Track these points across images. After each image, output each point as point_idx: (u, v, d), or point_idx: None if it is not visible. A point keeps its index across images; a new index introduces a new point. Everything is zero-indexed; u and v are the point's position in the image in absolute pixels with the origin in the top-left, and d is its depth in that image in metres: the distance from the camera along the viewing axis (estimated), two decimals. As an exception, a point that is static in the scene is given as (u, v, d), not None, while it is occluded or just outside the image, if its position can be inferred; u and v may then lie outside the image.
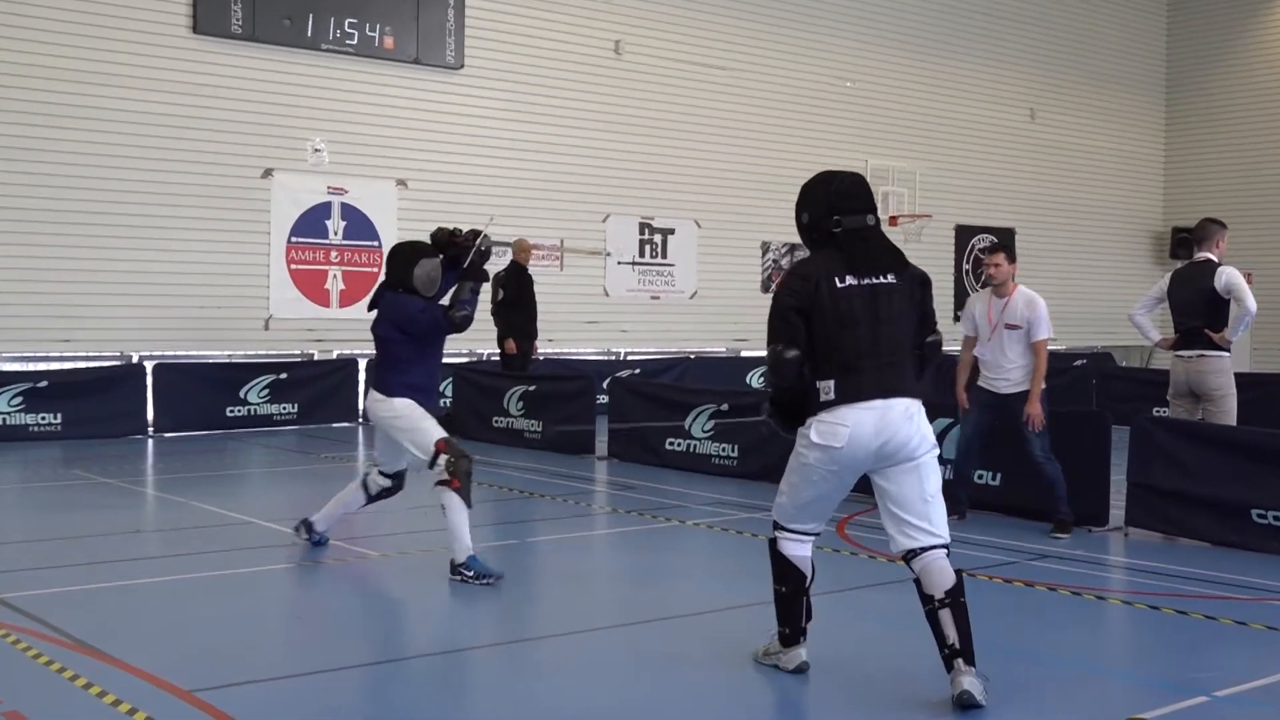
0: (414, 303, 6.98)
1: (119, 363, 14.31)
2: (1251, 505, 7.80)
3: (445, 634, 6.22)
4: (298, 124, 15.31)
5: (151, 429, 13.95)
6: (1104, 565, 7.72)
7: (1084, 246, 22.98)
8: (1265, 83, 23.16)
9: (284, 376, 14.94)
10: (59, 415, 13.37)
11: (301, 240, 15.41)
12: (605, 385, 13.30)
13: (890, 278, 4.83)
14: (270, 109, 15.07)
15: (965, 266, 21.64)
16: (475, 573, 6.74)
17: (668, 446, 11.53)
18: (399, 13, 15.87)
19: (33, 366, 13.91)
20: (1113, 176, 23.88)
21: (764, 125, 19.27)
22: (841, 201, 4.86)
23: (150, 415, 14.00)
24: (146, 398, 13.98)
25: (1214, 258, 8.87)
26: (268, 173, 15.15)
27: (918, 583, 4.78)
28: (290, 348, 15.54)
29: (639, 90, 18.06)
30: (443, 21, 16.23)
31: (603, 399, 13.22)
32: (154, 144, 14.34)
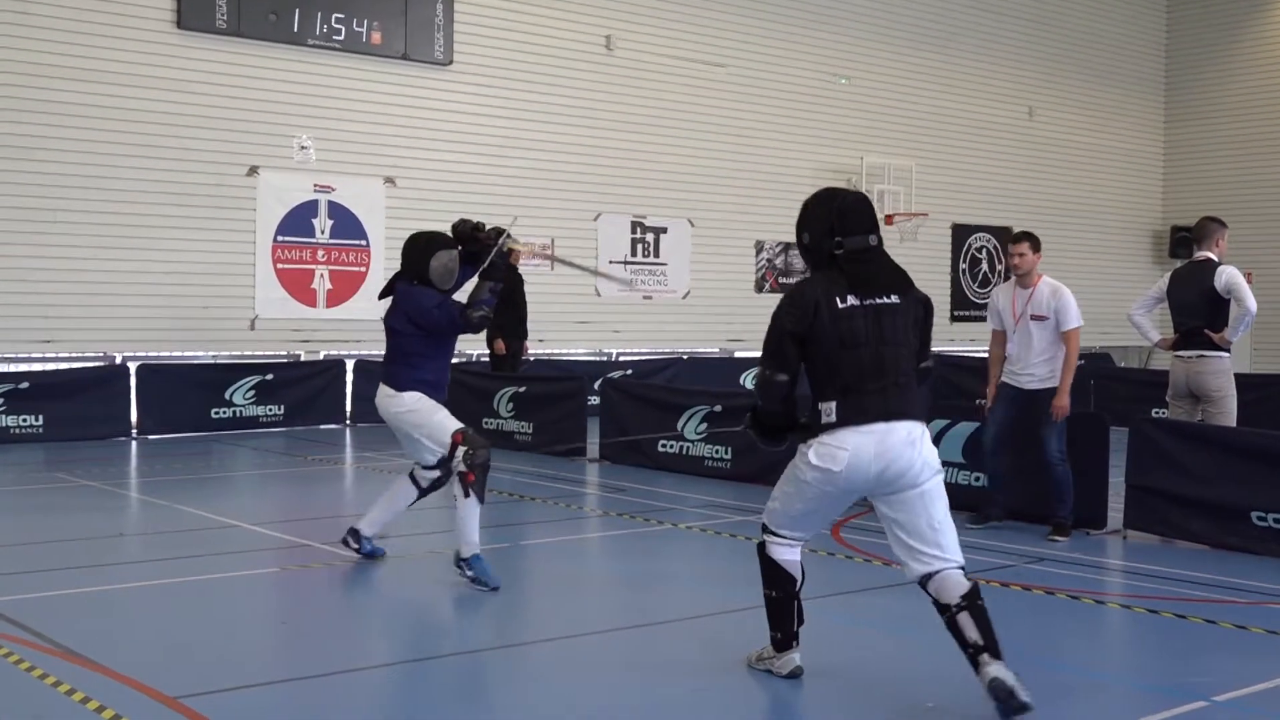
0: (429, 295, 6.80)
1: (102, 363, 14.16)
2: (1252, 508, 7.75)
3: (435, 639, 6.17)
4: (284, 121, 15.15)
5: (135, 431, 13.81)
6: (1102, 568, 7.67)
7: (1083, 245, 22.84)
8: (1265, 80, 23.10)
9: (270, 377, 14.81)
10: (40, 417, 13.21)
11: (288, 239, 15.25)
12: (597, 386, 13.19)
13: (894, 298, 4.77)
14: (256, 106, 14.92)
15: (962, 266, 21.55)
16: (475, 575, 6.63)
17: (660, 449, 11.42)
18: (386, 8, 15.71)
19: (14, 367, 13.77)
20: (1112, 175, 23.81)
21: (758, 122, 19.15)
22: (843, 222, 4.78)
23: (134, 417, 13.86)
24: (130, 399, 13.85)
25: (1214, 257, 8.82)
26: (253, 170, 14.99)
27: (934, 601, 4.71)
28: (276, 348, 15.39)
29: (631, 86, 17.93)
30: (431, 16, 16.07)
31: (594, 400, 13.12)
32: (137, 141, 14.18)
